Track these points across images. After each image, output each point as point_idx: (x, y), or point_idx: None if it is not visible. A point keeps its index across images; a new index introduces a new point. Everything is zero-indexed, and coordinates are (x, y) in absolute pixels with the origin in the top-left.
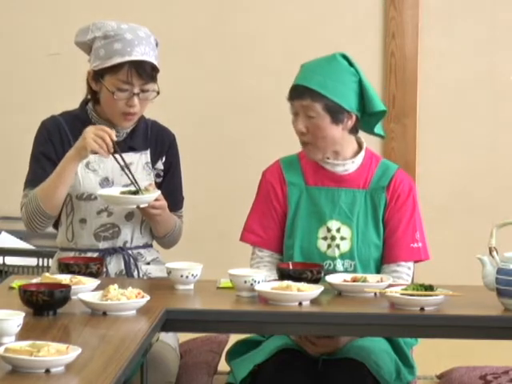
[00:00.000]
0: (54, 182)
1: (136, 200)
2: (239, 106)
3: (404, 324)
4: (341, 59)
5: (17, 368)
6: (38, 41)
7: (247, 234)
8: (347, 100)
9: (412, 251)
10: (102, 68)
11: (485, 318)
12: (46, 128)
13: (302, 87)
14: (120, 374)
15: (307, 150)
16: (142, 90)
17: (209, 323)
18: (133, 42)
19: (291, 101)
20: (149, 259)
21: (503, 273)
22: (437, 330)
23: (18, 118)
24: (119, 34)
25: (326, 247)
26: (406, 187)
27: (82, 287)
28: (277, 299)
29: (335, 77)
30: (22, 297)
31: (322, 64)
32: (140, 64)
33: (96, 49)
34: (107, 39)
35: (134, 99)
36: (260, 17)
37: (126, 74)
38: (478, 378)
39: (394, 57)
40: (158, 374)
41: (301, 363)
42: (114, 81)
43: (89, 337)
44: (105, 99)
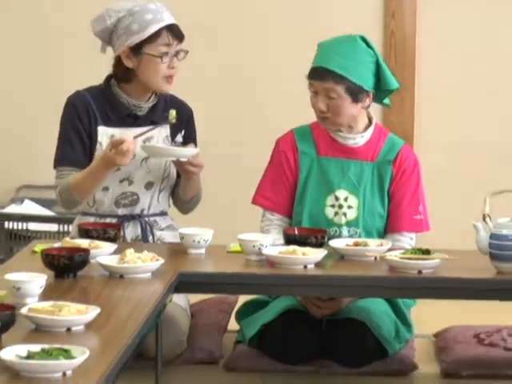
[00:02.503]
0: (88, 181)
1: (178, 152)
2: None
3: (402, 286)
4: (360, 41)
5: (40, 327)
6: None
7: (259, 197)
8: (366, 81)
9: (415, 223)
10: (141, 40)
11: (478, 280)
12: (73, 104)
13: (323, 69)
14: (136, 333)
15: (326, 124)
16: (177, 51)
17: (219, 285)
18: (158, 9)
19: (312, 81)
20: (163, 226)
21: (496, 238)
22: (433, 292)
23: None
24: (145, 7)
25: (333, 214)
26: (412, 162)
27: (100, 251)
28: (283, 262)
29: (356, 59)
30: (44, 260)
31: (341, 45)
32: (173, 26)
33: (126, 27)
34: (135, 14)
35: (175, 60)
36: None
37: (167, 37)
38: (472, 336)
39: (394, 36)
40: (170, 333)
41: (306, 323)
42: (156, 47)
43: (107, 298)
44: (147, 70)
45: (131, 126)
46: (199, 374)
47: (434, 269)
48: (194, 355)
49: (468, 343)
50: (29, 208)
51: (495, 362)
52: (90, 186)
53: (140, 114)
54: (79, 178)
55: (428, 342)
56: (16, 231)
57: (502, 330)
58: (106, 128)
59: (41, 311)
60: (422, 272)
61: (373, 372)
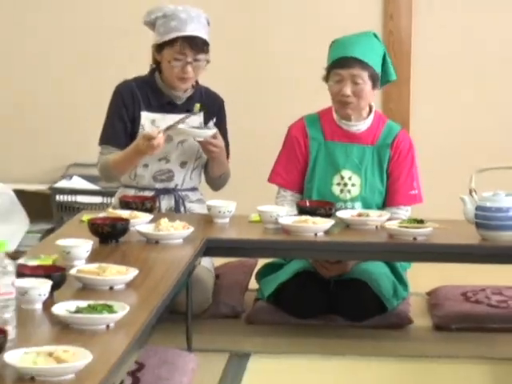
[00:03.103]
0: (123, 163)
1: (193, 132)
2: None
3: (399, 251)
4: (374, 37)
5: (86, 286)
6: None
7: (275, 176)
8: (379, 70)
9: (410, 197)
10: (162, 42)
11: (465, 246)
12: (120, 91)
13: (351, 58)
14: (169, 291)
15: (347, 108)
16: (194, 59)
17: (241, 250)
18: (186, 20)
19: (339, 69)
20: (194, 199)
21: (480, 209)
22: (426, 256)
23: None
24: (175, 14)
25: (339, 191)
26: (407, 145)
27: (138, 220)
28: (296, 230)
29: (374, 50)
30: (90, 228)
31: (362, 39)
32: (191, 38)
33: (157, 26)
34: (166, 18)
35: (188, 67)
36: None
37: (180, 47)
38: (460, 294)
39: (392, 35)
40: (198, 291)
41: (316, 283)
42: (171, 52)
43: (144, 261)
44: (165, 67)
45: (170, 113)
46: (223, 326)
47: (427, 236)
48: (219, 310)
49: (456, 300)
50: (77, 183)
51: (480, 316)
52: (124, 167)
53: (178, 103)
54: (116, 159)
55: (422, 300)
56: (66, 203)
57: (486, 289)
58: (148, 113)
59: (87, 272)
60: (417, 239)
61: (374, 325)
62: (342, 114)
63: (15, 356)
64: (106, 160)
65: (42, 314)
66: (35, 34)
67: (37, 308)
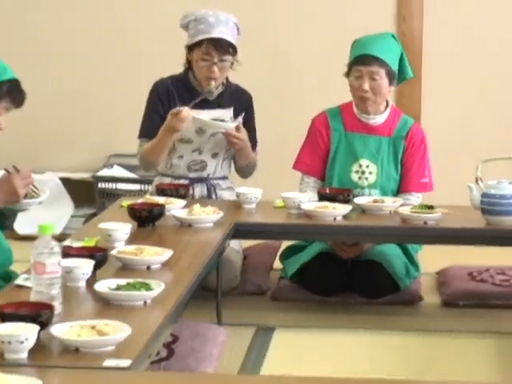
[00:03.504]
0: (156, 148)
1: (215, 124)
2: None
3: (411, 234)
4: (392, 37)
5: (126, 265)
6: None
7: (299, 163)
8: (396, 68)
9: (421, 185)
10: (192, 43)
11: (472, 230)
12: (156, 89)
13: (371, 56)
14: (202, 270)
15: (366, 103)
16: (220, 60)
17: (267, 233)
18: (213, 23)
19: (359, 66)
20: (224, 187)
21: (486, 196)
22: (436, 239)
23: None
24: (204, 18)
25: (357, 179)
26: (420, 137)
27: (173, 206)
28: (317, 215)
29: (391, 50)
30: (129, 213)
31: (381, 39)
32: (217, 40)
33: (189, 29)
34: (196, 22)
35: (214, 67)
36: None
37: (206, 48)
38: (466, 274)
39: (405, 36)
40: (227, 271)
41: (335, 263)
42: (199, 53)
43: (178, 242)
44: (194, 67)
45: (202, 108)
46: (250, 302)
47: (437, 221)
48: (247, 288)
49: (463, 279)
50: (117, 172)
51: (485, 294)
52: (158, 151)
53: (210, 99)
54: (150, 146)
55: (431, 279)
56: (107, 190)
57: (490, 269)
58: None
59: (127, 253)
60: (427, 223)
61: (388, 302)
62: (361, 108)
63: (61, 329)
64: (143, 149)
65: (85, 291)
66: (86, 35)
67: (81, 285)
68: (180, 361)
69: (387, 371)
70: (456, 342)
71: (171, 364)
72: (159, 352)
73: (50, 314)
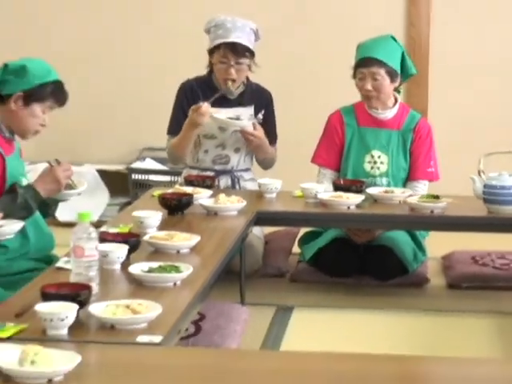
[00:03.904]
0: (181, 142)
1: (230, 123)
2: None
3: (419, 221)
4: (391, 39)
5: (157, 249)
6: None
7: (317, 157)
8: (397, 66)
9: (427, 173)
10: (212, 47)
11: (474, 218)
12: (183, 89)
13: (371, 58)
14: (227, 254)
15: (371, 101)
16: (236, 62)
17: (286, 220)
18: (230, 29)
19: (361, 68)
20: (247, 178)
21: (488, 187)
22: (441, 226)
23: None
24: (223, 24)
25: (369, 168)
26: (426, 130)
27: (200, 195)
28: (332, 204)
29: (391, 50)
30: (160, 202)
31: (380, 42)
32: (233, 45)
33: (210, 34)
34: (216, 27)
35: (231, 69)
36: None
37: (223, 52)
38: (470, 258)
39: (414, 40)
40: (250, 255)
41: (349, 248)
42: (217, 56)
43: (205, 229)
44: (215, 69)
45: (224, 107)
46: (271, 284)
47: (442, 209)
48: (267, 270)
49: (466, 263)
50: (149, 164)
51: (486, 277)
52: (183, 145)
53: (231, 98)
54: (176, 141)
55: (437, 263)
56: (140, 181)
57: (491, 254)
58: None
59: (158, 238)
60: (434, 211)
61: (397, 284)
62: (367, 105)
63: (98, 308)
64: (171, 145)
65: (120, 273)
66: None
67: (116, 268)
68: (206, 337)
69: (396, 347)
70: (460, 321)
71: (198, 340)
72: (188, 329)
73: (88, 294)
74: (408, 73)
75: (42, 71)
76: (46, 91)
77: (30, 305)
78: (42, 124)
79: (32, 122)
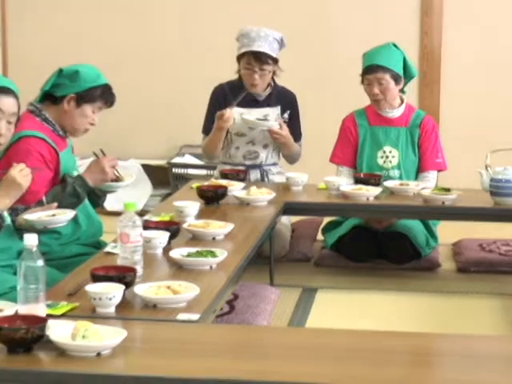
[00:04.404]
0: (211, 142)
1: (257, 123)
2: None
3: (431, 212)
4: (392, 46)
5: (195, 236)
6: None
7: (334, 157)
8: (400, 70)
9: (436, 164)
10: (238, 55)
11: (482, 208)
12: (216, 92)
13: (376, 65)
14: (258, 240)
15: (378, 104)
16: (259, 69)
17: (311, 210)
18: (254, 38)
19: (368, 75)
20: (275, 172)
21: (494, 181)
22: (452, 216)
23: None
24: (248, 33)
25: (382, 162)
26: (431, 125)
27: (233, 188)
28: (353, 196)
29: (393, 56)
30: (198, 193)
31: (383, 50)
32: (256, 53)
33: (238, 42)
34: (242, 36)
35: (255, 75)
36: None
37: (247, 59)
38: (477, 245)
39: (426, 47)
40: (278, 242)
41: (368, 235)
42: (243, 63)
43: (238, 218)
44: (241, 75)
45: (253, 107)
46: (297, 267)
47: (453, 201)
48: (294, 255)
49: (474, 250)
50: (188, 159)
51: (492, 262)
52: (213, 145)
53: (259, 100)
54: (208, 141)
55: (448, 249)
56: (179, 174)
57: (497, 242)
58: (237, 108)
59: (196, 226)
60: (445, 203)
61: (411, 268)
62: (377, 108)
63: (142, 288)
64: (204, 143)
65: (162, 257)
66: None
67: (158, 253)
68: (239, 315)
69: (410, 325)
70: (468, 302)
71: (232, 318)
72: (222, 308)
73: (133, 276)
74: (411, 75)
75: (93, 76)
76: (95, 93)
77: (81, 285)
78: (92, 123)
79: (82, 122)
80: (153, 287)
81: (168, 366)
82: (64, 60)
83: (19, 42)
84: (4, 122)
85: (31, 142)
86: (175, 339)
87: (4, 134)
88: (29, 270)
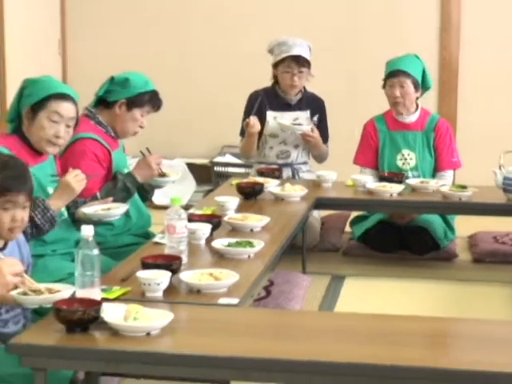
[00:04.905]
0: (245, 144)
1: (291, 127)
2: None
3: (449, 207)
4: (415, 57)
5: (235, 228)
6: None
7: (356, 159)
8: (420, 79)
9: (452, 163)
10: (277, 61)
11: (495, 204)
12: (252, 97)
13: (400, 70)
14: (291, 232)
15: (399, 106)
16: (298, 71)
17: (340, 205)
18: (292, 45)
19: (392, 78)
20: (304, 170)
21: (507, 179)
22: (468, 211)
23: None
24: (285, 42)
25: (401, 164)
26: (445, 128)
27: (269, 184)
28: (378, 192)
29: (415, 65)
30: (237, 189)
31: (406, 58)
32: (295, 57)
33: (274, 51)
34: (279, 45)
35: (294, 77)
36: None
37: (288, 63)
38: (491, 237)
39: (445, 59)
40: (310, 233)
41: (392, 228)
42: (283, 67)
43: (274, 212)
44: (279, 79)
45: (286, 111)
46: (327, 257)
47: (469, 197)
48: (324, 246)
49: (489, 242)
50: (228, 159)
51: (505, 253)
52: (247, 147)
53: (291, 104)
54: (243, 143)
55: (464, 241)
56: (220, 172)
57: (509, 234)
58: (271, 112)
59: (235, 219)
60: (461, 199)
61: (431, 258)
62: (395, 111)
63: (187, 275)
64: (242, 146)
65: (204, 247)
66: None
67: (201, 243)
68: (275, 300)
69: (430, 310)
70: (483, 289)
71: (268, 302)
72: (260, 293)
73: (179, 263)
74: (427, 85)
75: (141, 82)
76: (144, 99)
77: (132, 272)
78: (141, 126)
79: (132, 124)
80: (196, 274)
81: (210, 345)
82: (116, 68)
83: (77, 54)
84: (63, 125)
85: (87, 143)
86: (216, 321)
87: (63, 136)
88: (85, 258)
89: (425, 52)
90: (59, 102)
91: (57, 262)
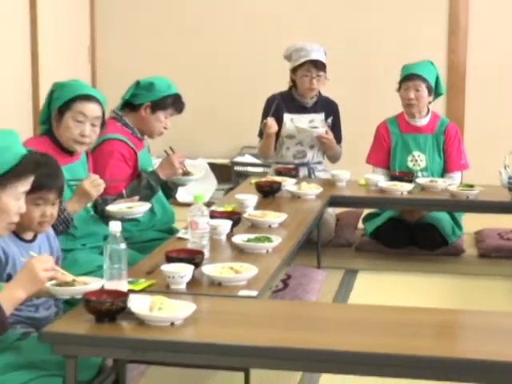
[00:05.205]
0: (263, 145)
1: (311, 131)
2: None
3: (458, 204)
4: (430, 63)
5: (254, 224)
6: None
7: (369, 159)
8: (433, 84)
9: (460, 165)
10: (296, 65)
11: (501, 202)
12: (269, 101)
13: (415, 74)
14: (307, 228)
15: (411, 108)
16: (317, 75)
17: (353, 203)
18: (310, 50)
19: (407, 81)
20: (320, 169)
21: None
22: (475, 208)
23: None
24: (303, 47)
25: (412, 165)
26: (454, 131)
27: (286, 183)
28: (389, 190)
29: (430, 71)
30: (256, 188)
31: (422, 64)
32: (314, 61)
33: (292, 56)
34: (297, 50)
35: (313, 80)
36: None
37: (307, 67)
38: (497, 234)
39: (453, 63)
40: (325, 229)
41: (402, 225)
42: (302, 71)
43: (291, 209)
44: (298, 82)
45: (302, 113)
46: (341, 251)
47: (476, 196)
48: (338, 241)
49: (494, 238)
50: (248, 159)
51: (510, 249)
52: (265, 148)
53: (307, 107)
54: (261, 144)
55: (471, 237)
56: (240, 172)
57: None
58: (288, 114)
59: (254, 216)
60: (469, 197)
61: (439, 253)
62: (408, 113)
63: (209, 269)
64: (260, 147)
65: (225, 242)
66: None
67: (222, 238)
68: (292, 292)
69: (438, 302)
70: (488, 283)
71: (286, 293)
72: (278, 285)
73: (201, 257)
74: (439, 92)
75: (165, 86)
76: (168, 102)
77: (157, 265)
78: (165, 127)
79: (157, 126)
80: (218, 267)
81: (230, 334)
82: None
83: (106, 59)
84: (88, 124)
85: (114, 143)
86: (237, 312)
87: (88, 135)
88: (113, 252)
89: (433, 55)
90: (84, 102)
91: (86, 256)
